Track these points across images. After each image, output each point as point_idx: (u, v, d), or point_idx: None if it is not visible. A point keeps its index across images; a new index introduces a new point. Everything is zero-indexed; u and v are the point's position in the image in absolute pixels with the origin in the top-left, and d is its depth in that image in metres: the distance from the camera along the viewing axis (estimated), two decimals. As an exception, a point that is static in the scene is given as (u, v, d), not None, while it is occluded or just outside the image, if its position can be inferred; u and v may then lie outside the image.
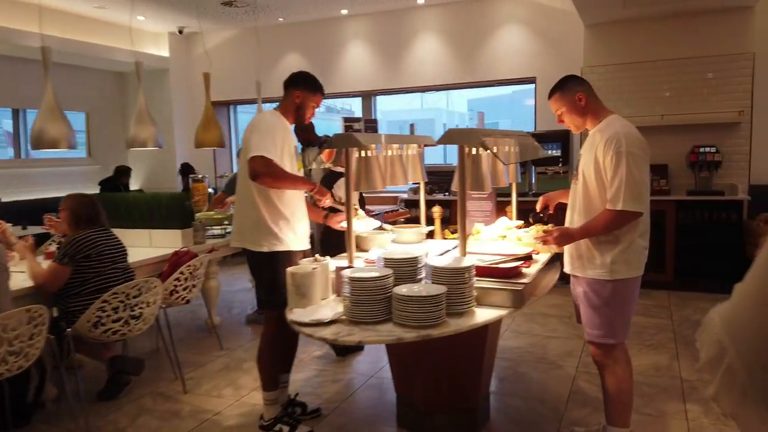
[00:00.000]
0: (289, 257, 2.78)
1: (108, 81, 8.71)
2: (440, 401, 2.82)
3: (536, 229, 2.67)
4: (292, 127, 2.99)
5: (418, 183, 3.47)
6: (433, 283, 2.21)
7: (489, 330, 2.70)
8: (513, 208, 3.44)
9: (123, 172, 7.94)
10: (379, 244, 3.13)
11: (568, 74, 2.67)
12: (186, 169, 7.96)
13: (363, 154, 2.69)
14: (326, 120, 11.13)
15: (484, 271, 2.46)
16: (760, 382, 0.83)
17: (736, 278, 0.95)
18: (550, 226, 2.71)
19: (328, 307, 2.28)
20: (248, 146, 2.66)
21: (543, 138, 6.21)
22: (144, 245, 4.42)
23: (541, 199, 3.02)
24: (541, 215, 2.95)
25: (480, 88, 7.80)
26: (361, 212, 3.09)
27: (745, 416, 0.87)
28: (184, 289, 3.87)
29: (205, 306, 4.82)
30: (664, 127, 6.04)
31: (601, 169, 2.42)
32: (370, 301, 2.11)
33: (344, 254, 2.77)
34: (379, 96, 8.18)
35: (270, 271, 2.76)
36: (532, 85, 6.96)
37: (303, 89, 2.89)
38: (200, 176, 5.08)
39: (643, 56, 6.06)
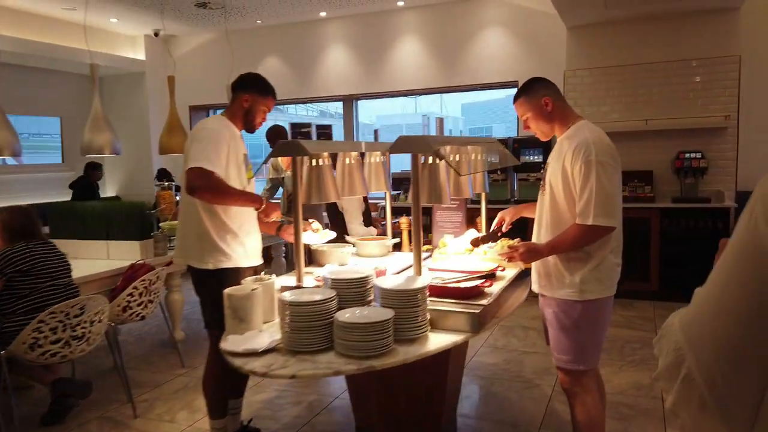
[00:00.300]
0: (236, 275, 2.57)
1: (84, 85, 8.48)
2: (400, 431, 2.61)
3: (501, 245, 2.47)
4: (243, 133, 2.79)
5: (384, 192, 3.27)
6: (382, 306, 2.01)
7: (451, 354, 2.50)
8: (482, 219, 3.24)
9: (93, 168, 7.70)
10: (337, 258, 2.93)
11: (534, 76, 2.47)
12: (162, 176, 7.73)
13: (314, 162, 2.49)
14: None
15: (440, 291, 2.26)
16: (720, 394, 0.76)
17: None
18: (516, 241, 2.51)
19: (268, 333, 2.07)
20: (187, 156, 2.46)
21: (524, 143, 6.05)
22: (101, 257, 4.21)
23: (499, 215, 2.82)
24: (499, 234, 2.76)
25: (470, 92, 7.61)
26: (315, 224, 2.89)
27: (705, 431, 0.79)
28: (139, 305, 3.65)
29: (169, 320, 4.60)
30: (648, 132, 5.88)
31: (569, 179, 2.23)
32: (309, 328, 1.90)
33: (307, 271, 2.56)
34: (361, 100, 7.99)
35: (216, 290, 2.54)
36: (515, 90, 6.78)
37: (252, 92, 2.69)
38: (166, 183, 4.86)
39: (627, 59, 5.90)
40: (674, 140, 5.82)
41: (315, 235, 2.83)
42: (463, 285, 2.30)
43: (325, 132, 4.13)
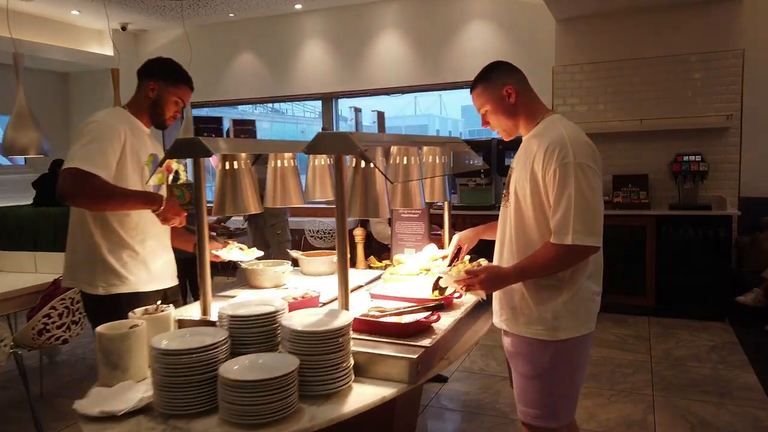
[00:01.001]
0: (136, 302, 2.11)
1: (50, 82, 8.04)
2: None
3: (458, 268, 2.01)
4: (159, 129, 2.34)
5: (325, 200, 2.81)
6: (289, 351, 1.56)
7: (397, 403, 2.04)
8: (445, 232, 2.79)
9: (59, 165, 7.24)
10: (272, 279, 2.47)
11: (495, 61, 2.02)
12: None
13: (228, 166, 2.04)
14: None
15: (373, 328, 1.81)
16: None
17: (724, 302, 0.34)
18: (475, 264, 2.05)
19: (145, 385, 1.61)
20: (67, 156, 2.01)
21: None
22: (27, 270, 3.76)
23: (454, 239, 2.35)
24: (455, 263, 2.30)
25: (455, 91, 7.17)
26: (235, 244, 2.43)
27: None
28: (60, 327, 3.20)
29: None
30: (643, 133, 5.43)
31: (539, 187, 1.78)
32: (186, 384, 1.45)
33: (237, 296, 2.10)
34: (341, 99, 7.55)
35: (108, 321, 2.09)
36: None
37: (159, 80, 2.25)
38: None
39: (621, 54, 5.45)
40: (672, 142, 5.38)
41: (239, 252, 2.37)
42: (404, 319, 1.85)
43: (245, 129, 3.57)
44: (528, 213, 1.83)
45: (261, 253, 2.46)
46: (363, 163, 1.84)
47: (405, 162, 2.14)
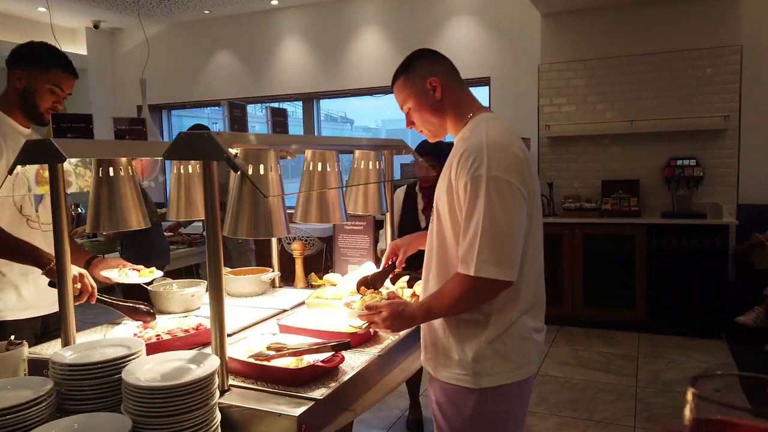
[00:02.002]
0: (2, 333, 1.78)
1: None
2: None
3: (363, 300, 1.65)
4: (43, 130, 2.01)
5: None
6: (128, 413, 1.22)
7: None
8: (386, 245, 2.44)
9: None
10: (181, 303, 2.14)
11: (419, 49, 1.68)
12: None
13: (102, 173, 1.71)
14: (337, 129, 10.12)
15: (257, 373, 1.48)
16: None
17: (719, 317, 0.09)
18: (380, 297, 1.70)
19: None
20: None
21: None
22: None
23: (390, 246, 2.02)
24: (392, 273, 1.97)
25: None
26: (130, 265, 2.09)
27: None
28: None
29: None
30: (634, 135, 5.07)
31: (454, 201, 1.47)
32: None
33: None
34: (323, 99, 7.23)
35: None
36: (486, 88, 5.98)
37: (27, 66, 1.93)
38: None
39: (611, 51, 5.10)
40: (664, 145, 5.01)
41: (134, 274, 2.04)
42: (305, 360, 1.51)
43: (134, 129, 3.10)
44: (448, 233, 1.51)
45: (160, 274, 2.12)
46: (261, 170, 1.51)
47: (319, 168, 1.80)
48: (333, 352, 1.53)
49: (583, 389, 3.63)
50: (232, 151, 1.37)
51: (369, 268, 2.26)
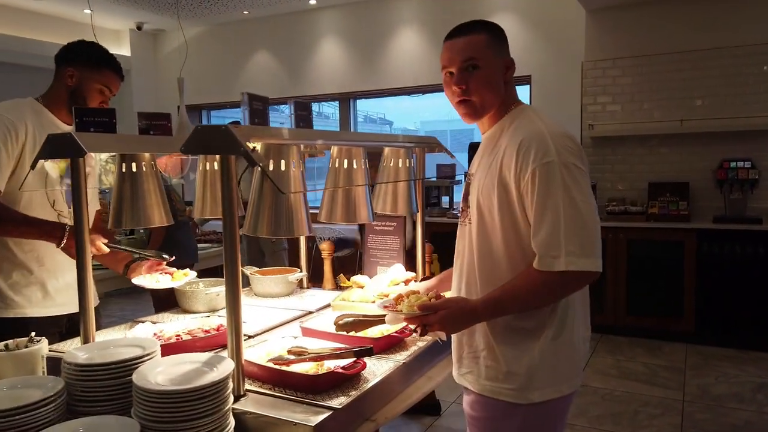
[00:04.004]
0: (24, 329, 1.76)
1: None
2: None
3: (409, 302, 1.55)
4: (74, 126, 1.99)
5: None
6: (138, 416, 1.17)
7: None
8: (418, 251, 2.34)
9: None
10: (205, 302, 2.09)
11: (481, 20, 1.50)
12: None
13: (125, 168, 1.68)
14: (376, 130, 10.13)
15: (275, 378, 1.41)
16: None
17: None
18: (430, 296, 1.56)
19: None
20: None
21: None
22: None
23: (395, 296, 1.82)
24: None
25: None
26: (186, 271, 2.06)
27: None
28: None
29: None
30: (684, 135, 4.83)
31: (511, 197, 1.34)
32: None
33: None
34: (360, 99, 7.19)
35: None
36: (527, 87, 5.81)
37: (80, 65, 1.93)
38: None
39: (658, 47, 4.87)
40: (717, 146, 4.75)
41: (166, 278, 2.00)
42: (326, 366, 1.44)
43: (158, 124, 3.02)
44: (495, 233, 1.38)
45: (194, 275, 2.08)
46: (280, 165, 1.44)
47: (345, 166, 1.72)
48: (355, 358, 1.44)
49: (626, 402, 3.45)
50: (251, 145, 1.30)
51: (396, 271, 2.17)
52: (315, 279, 2.63)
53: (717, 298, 4.39)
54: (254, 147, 1.28)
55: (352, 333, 1.66)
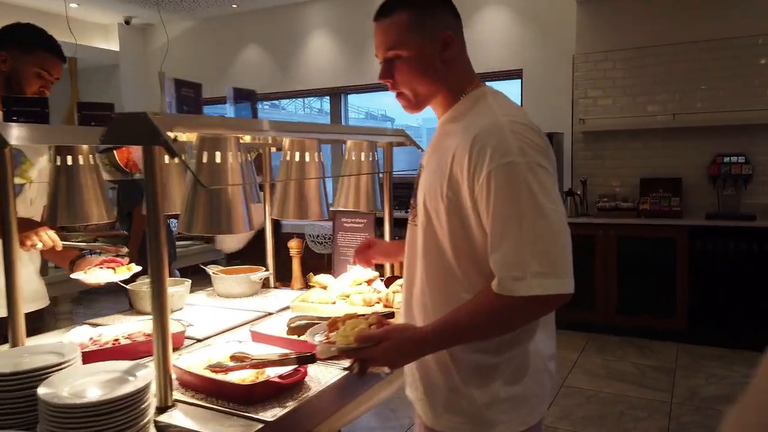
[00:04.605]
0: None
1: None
2: None
3: (344, 330, 1.22)
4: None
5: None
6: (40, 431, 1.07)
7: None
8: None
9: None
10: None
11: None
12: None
13: (61, 161, 1.57)
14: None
15: (208, 387, 1.31)
16: None
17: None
18: (370, 321, 1.23)
19: None
20: None
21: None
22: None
23: (355, 252, 1.79)
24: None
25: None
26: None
27: None
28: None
29: None
30: (677, 129, 4.72)
31: (464, 202, 1.14)
32: None
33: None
34: (351, 94, 7.08)
35: None
36: (518, 81, 5.69)
37: (12, 48, 1.82)
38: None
39: (651, 39, 4.75)
40: (710, 140, 4.64)
41: (107, 273, 1.89)
42: (267, 374, 1.34)
43: (100, 114, 2.83)
44: (444, 242, 1.18)
45: (139, 269, 1.98)
46: (219, 159, 1.34)
47: (297, 159, 1.62)
48: (296, 366, 1.34)
49: (611, 404, 3.35)
50: (173, 135, 1.20)
51: (357, 271, 2.06)
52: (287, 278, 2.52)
53: (709, 296, 4.28)
54: (175, 137, 1.18)
55: (304, 337, 1.57)
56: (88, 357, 1.40)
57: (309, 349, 1.47)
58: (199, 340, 1.70)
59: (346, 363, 1.21)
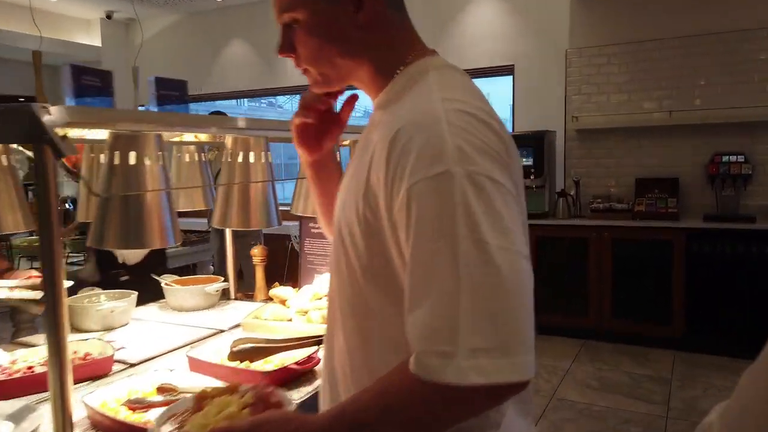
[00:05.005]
0: None
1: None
2: None
3: (203, 416, 0.86)
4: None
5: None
6: None
7: None
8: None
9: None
10: (96, 319, 1.80)
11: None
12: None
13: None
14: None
15: (115, 427, 1.11)
16: None
17: None
18: (241, 407, 0.85)
19: None
20: None
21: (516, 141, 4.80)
22: None
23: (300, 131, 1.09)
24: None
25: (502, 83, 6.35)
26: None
27: None
28: None
29: None
30: (673, 127, 4.52)
31: (381, 224, 0.78)
32: None
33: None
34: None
35: None
36: (509, 77, 5.49)
37: None
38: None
39: (647, 34, 4.56)
40: (708, 138, 4.45)
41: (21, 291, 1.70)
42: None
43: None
44: (363, 281, 0.83)
45: (69, 284, 1.78)
46: (132, 161, 1.14)
47: (240, 159, 1.43)
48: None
49: (604, 417, 3.16)
50: (62, 132, 1.00)
51: (317, 287, 1.87)
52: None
53: (707, 302, 4.09)
54: (64, 134, 0.98)
55: (245, 364, 1.37)
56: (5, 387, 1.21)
57: (252, 379, 1.28)
58: (131, 365, 1.51)
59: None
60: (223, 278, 2.17)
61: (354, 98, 1.02)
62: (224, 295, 2.19)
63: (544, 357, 4.02)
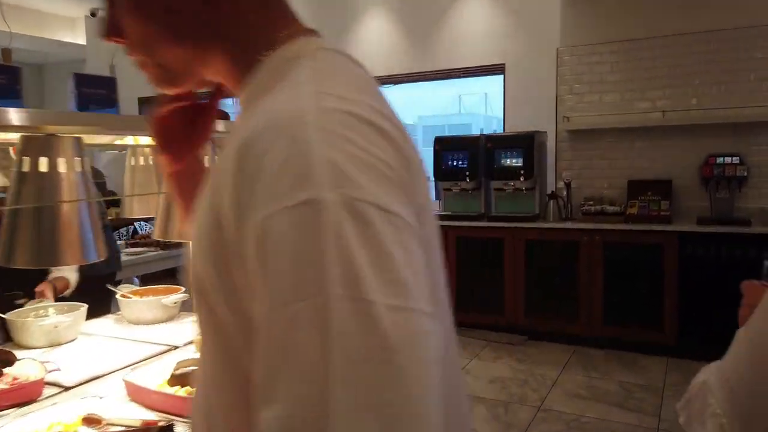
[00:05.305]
0: None
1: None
2: None
3: None
4: None
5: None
6: None
7: None
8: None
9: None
10: (40, 335, 1.67)
11: None
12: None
13: None
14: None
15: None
16: None
17: None
18: None
19: None
20: None
21: (501, 143, 4.70)
22: None
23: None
24: None
25: (449, 81, 6.25)
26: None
27: None
28: None
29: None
30: (667, 128, 4.41)
31: (228, 264, 0.48)
32: None
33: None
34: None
35: None
36: (501, 76, 5.37)
37: None
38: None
39: (640, 32, 4.44)
40: (702, 139, 4.33)
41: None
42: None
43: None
44: (224, 324, 0.51)
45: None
46: (43, 167, 1.02)
47: (142, 162, 1.31)
48: None
49: (593, 430, 3.05)
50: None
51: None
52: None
53: (701, 307, 3.97)
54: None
55: (185, 390, 1.25)
56: None
57: (179, 411, 1.15)
58: (66, 389, 1.38)
59: None
60: (184, 288, 2.04)
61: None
62: (187, 306, 2.06)
63: (532, 365, 3.90)
